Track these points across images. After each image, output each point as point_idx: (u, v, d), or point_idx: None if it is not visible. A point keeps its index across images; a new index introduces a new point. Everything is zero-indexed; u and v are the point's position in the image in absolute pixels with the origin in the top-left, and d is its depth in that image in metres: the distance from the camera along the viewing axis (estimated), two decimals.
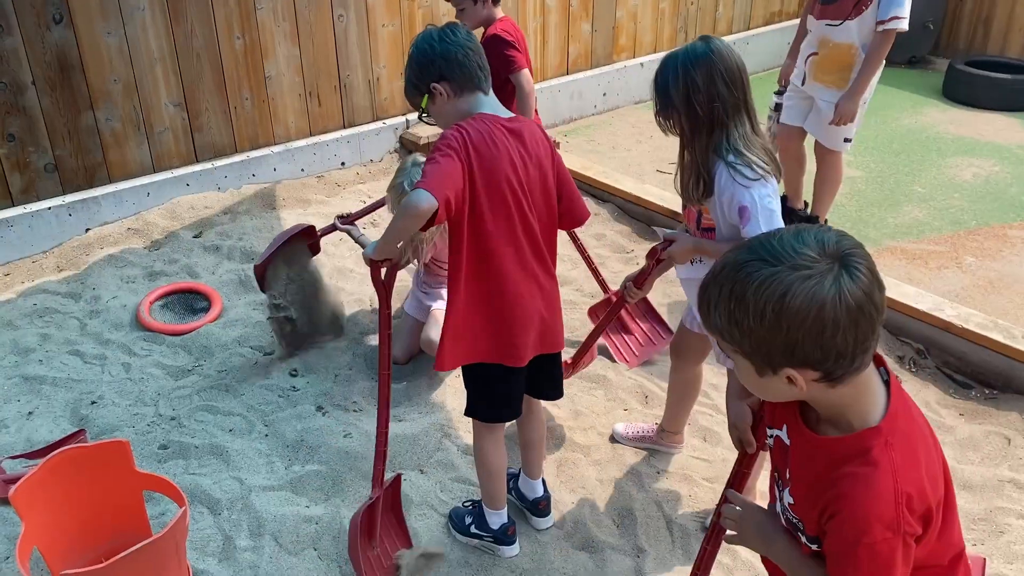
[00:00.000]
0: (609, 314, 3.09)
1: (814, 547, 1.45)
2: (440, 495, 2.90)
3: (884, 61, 3.74)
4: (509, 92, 3.68)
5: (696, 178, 2.36)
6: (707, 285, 1.33)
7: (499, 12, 3.66)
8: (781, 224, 2.28)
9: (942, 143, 5.62)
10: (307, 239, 3.45)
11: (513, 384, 2.46)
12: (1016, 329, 3.46)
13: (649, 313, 3.68)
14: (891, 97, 6.36)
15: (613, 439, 3.16)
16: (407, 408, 3.31)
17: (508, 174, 2.22)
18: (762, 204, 2.27)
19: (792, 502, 1.48)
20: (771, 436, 1.56)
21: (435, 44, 2.23)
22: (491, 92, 2.32)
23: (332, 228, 3.45)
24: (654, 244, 2.62)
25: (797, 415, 1.45)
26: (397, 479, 2.68)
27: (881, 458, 1.30)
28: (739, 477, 1.74)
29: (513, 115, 2.32)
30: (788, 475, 1.49)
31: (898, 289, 3.76)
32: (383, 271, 2.44)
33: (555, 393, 2.64)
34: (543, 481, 2.80)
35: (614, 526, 2.82)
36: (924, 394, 3.42)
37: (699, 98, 2.27)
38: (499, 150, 2.20)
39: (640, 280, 2.73)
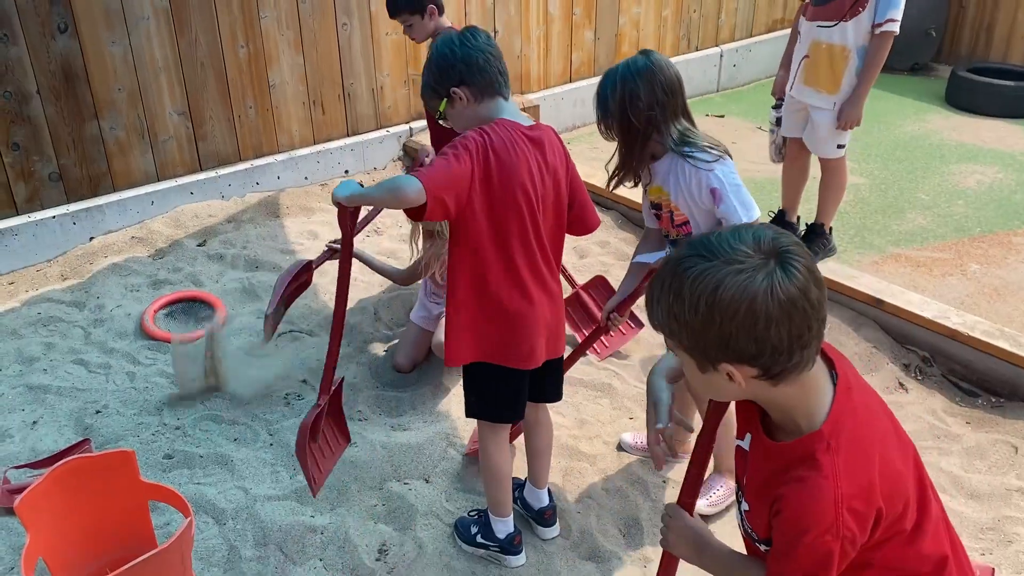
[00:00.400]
0: (590, 339, 3.03)
1: (765, 549, 1.47)
2: (445, 504, 2.89)
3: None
4: None
5: (623, 174, 2.59)
6: (651, 282, 1.37)
7: (446, 21, 3.65)
8: (749, 196, 2.51)
9: (945, 150, 5.62)
10: (305, 275, 3.36)
11: (517, 387, 2.47)
12: (1022, 337, 3.46)
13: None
14: (894, 104, 6.36)
15: (620, 448, 3.15)
16: (412, 417, 3.30)
17: (524, 181, 2.23)
18: (729, 181, 2.46)
19: (747, 509, 1.50)
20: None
21: (456, 48, 2.23)
22: (511, 98, 2.32)
23: (328, 256, 3.36)
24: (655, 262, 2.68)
25: (758, 423, 1.47)
26: (339, 384, 2.75)
27: (823, 462, 1.32)
28: (690, 481, 1.69)
29: (533, 123, 2.32)
30: (745, 482, 1.52)
31: (903, 297, 3.76)
32: (348, 212, 2.39)
33: (555, 395, 2.66)
34: (549, 490, 2.79)
35: (620, 536, 2.81)
36: (930, 402, 3.41)
37: (638, 107, 2.44)
38: (519, 157, 2.20)
39: (624, 308, 2.77)
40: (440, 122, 2.36)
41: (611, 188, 2.66)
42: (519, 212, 2.24)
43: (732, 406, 2.54)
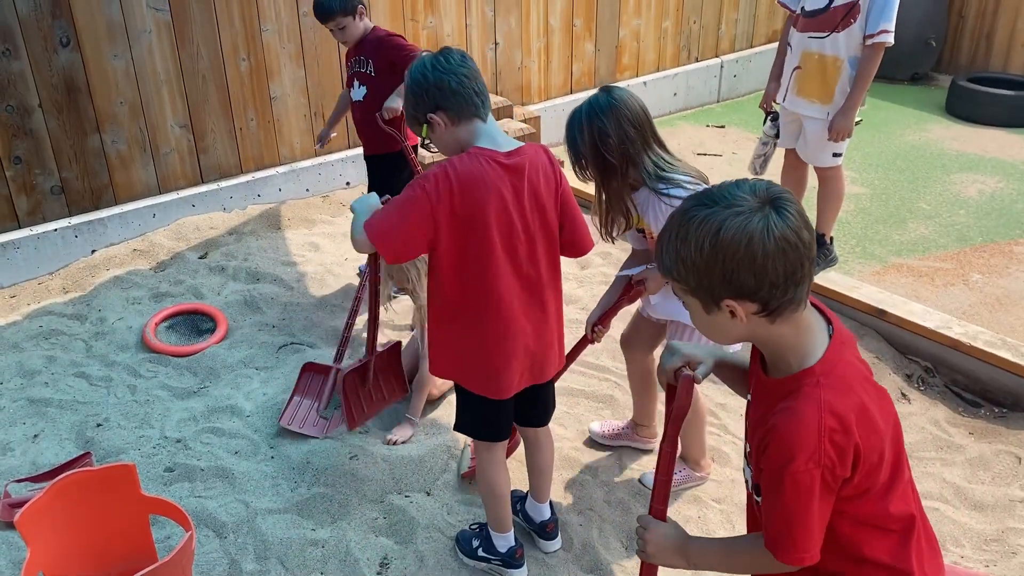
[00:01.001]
0: (574, 352, 3.02)
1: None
2: (447, 517, 2.88)
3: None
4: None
5: (613, 217, 2.60)
6: (660, 233, 1.49)
7: (370, 22, 3.83)
8: None
9: (946, 159, 5.62)
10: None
11: (497, 411, 2.45)
12: None
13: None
14: (894, 114, 6.37)
15: (591, 441, 3.17)
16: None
17: (499, 212, 2.19)
18: None
19: (749, 451, 1.59)
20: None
21: (428, 74, 2.18)
22: (490, 118, 2.26)
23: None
24: (630, 278, 2.71)
25: (759, 364, 1.58)
26: (396, 344, 2.83)
27: (811, 393, 1.43)
28: (662, 457, 1.71)
29: (515, 146, 2.24)
30: (747, 427, 1.63)
31: (905, 307, 3.75)
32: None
33: (540, 421, 2.63)
34: (551, 503, 2.78)
35: (622, 548, 2.79)
36: (933, 412, 3.40)
37: (609, 144, 2.45)
38: (488, 188, 2.16)
39: (606, 319, 2.78)
40: (426, 146, 2.35)
41: (611, 236, 2.66)
42: (491, 244, 2.20)
43: (697, 404, 2.59)
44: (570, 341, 2.72)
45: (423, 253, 2.24)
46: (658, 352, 2.94)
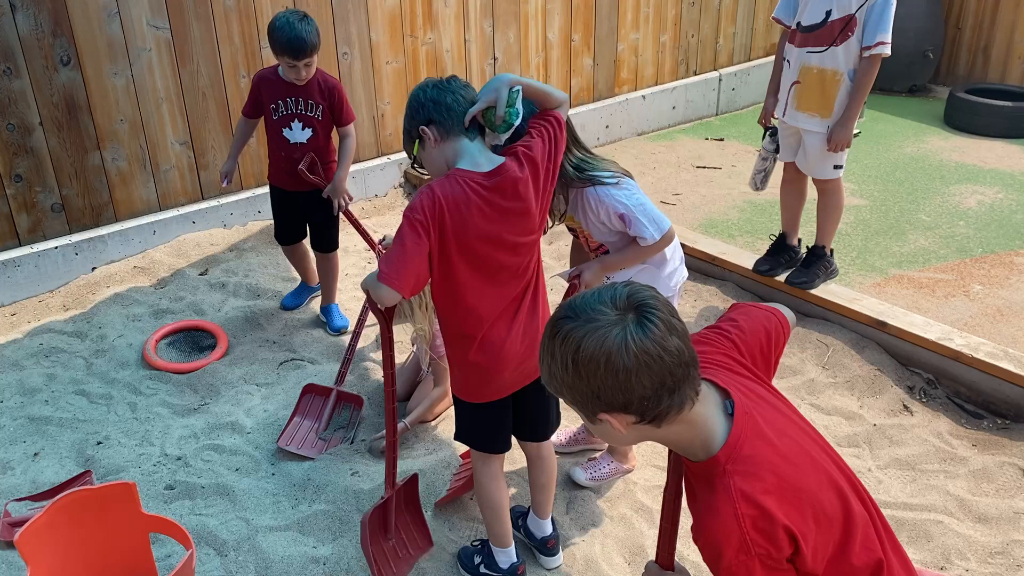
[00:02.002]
0: None
1: None
2: (448, 534, 2.87)
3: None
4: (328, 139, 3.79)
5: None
6: (540, 344, 1.47)
7: None
8: (657, 211, 2.70)
9: (945, 171, 5.63)
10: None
11: (493, 421, 2.49)
12: None
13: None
14: (893, 125, 6.38)
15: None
16: (414, 445, 3.28)
17: (480, 232, 2.22)
18: (633, 203, 2.66)
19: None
20: None
21: (428, 90, 2.27)
22: (477, 138, 2.28)
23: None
24: (571, 278, 2.80)
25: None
26: (414, 478, 2.79)
27: (719, 485, 1.41)
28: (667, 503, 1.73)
29: (496, 164, 2.25)
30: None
31: (906, 319, 3.75)
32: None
33: (540, 435, 2.63)
34: (552, 519, 2.77)
35: (625, 564, 2.78)
36: (935, 424, 3.39)
37: None
38: (470, 212, 2.20)
39: None
40: (415, 168, 2.38)
41: (553, 224, 2.79)
42: (478, 257, 2.25)
43: None
44: None
45: (421, 288, 2.29)
46: None
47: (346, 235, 4.92)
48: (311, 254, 4.13)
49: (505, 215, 2.25)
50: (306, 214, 3.91)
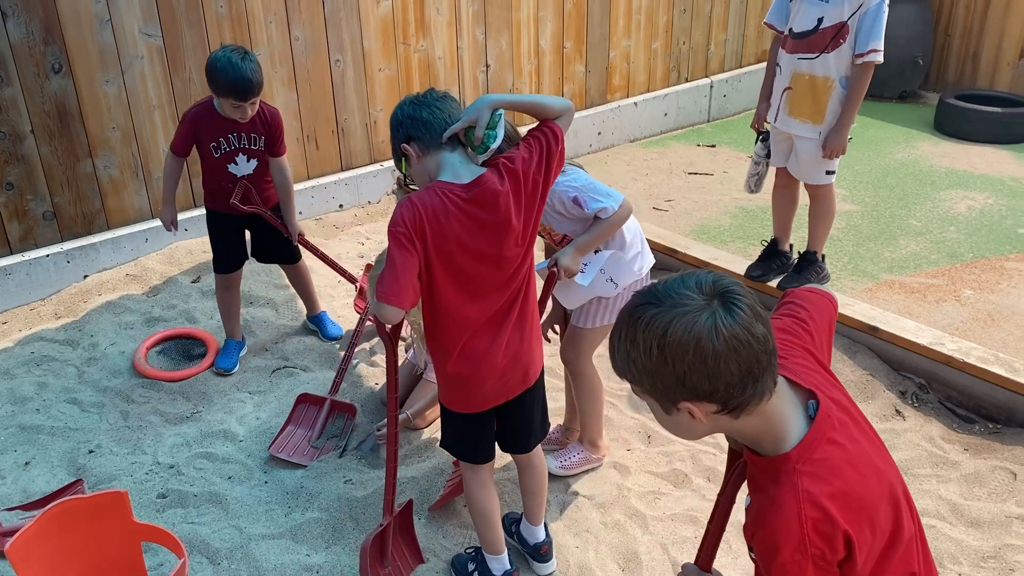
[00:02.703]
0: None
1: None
2: (442, 541, 2.87)
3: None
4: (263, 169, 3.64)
5: None
6: (611, 334, 1.45)
7: None
8: (605, 186, 2.76)
9: (936, 176, 5.66)
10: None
11: (476, 431, 2.49)
12: (1017, 362, 3.46)
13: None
14: (884, 131, 6.42)
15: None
16: (406, 453, 3.28)
17: (460, 243, 2.22)
18: (581, 184, 2.73)
19: (748, 503, 1.58)
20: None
21: (405, 107, 2.28)
22: (457, 149, 2.27)
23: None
24: (549, 268, 2.81)
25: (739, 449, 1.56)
26: (408, 504, 2.77)
27: (787, 482, 1.39)
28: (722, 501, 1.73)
29: (477, 175, 2.23)
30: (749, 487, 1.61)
31: (898, 323, 3.76)
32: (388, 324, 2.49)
33: (523, 448, 2.63)
34: (545, 525, 2.77)
35: (619, 570, 2.78)
36: (928, 429, 3.40)
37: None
38: (450, 223, 2.19)
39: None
40: (408, 184, 2.38)
41: None
42: (461, 270, 2.25)
43: (595, 382, 2.76)
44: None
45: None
46: (599, 361, 2.98)
47: (339, 241, 4.93)
48: (240, 300, 3.94)
49: (483, 227, 2.23)
50: (262, 233, 3.77)
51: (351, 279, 4.14)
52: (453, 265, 2.24)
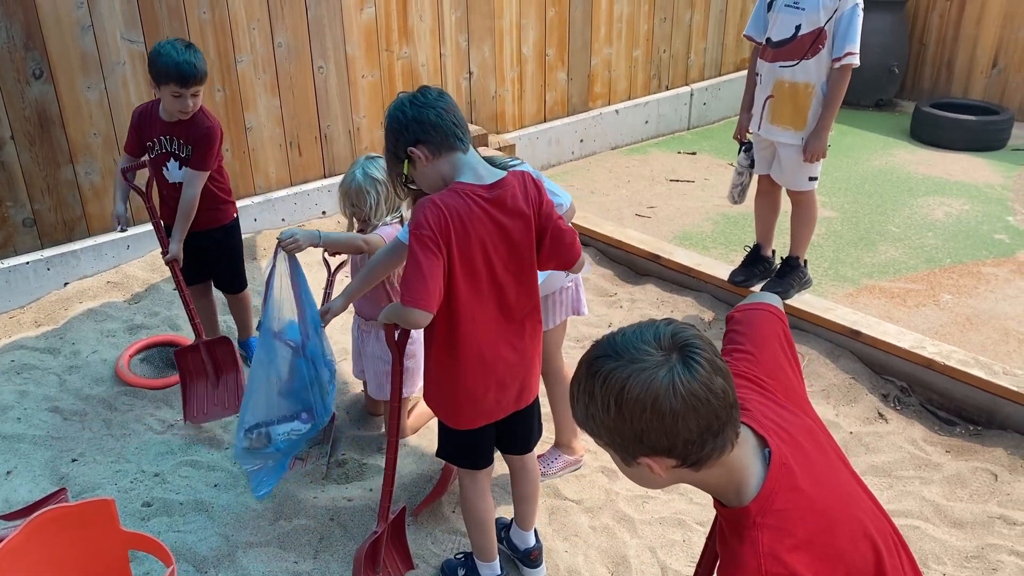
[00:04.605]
0: None
1: None
2: (432, 547, 2.86)
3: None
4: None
5: None
6: (571, 383, 1.43)
7: None
8: (555, 185, 2.73)
9: (913, 183, 5.74)
10: None
11: (475, 439, 2.47)
12: (996, 365, 3.51)
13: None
14: (861, 139, 6.50)
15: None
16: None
17: (483, 246, 2.21)
18: (542, 176, 2.58)
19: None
20: None
21: (407, 109, 2.21)
22: (472, 150, 2.27)
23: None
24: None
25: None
26: (402, 511, 2.76)
27: (747, 537, 1.36)
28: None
29: (498, 177, 2.24)
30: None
31: (879, 328, 3.81)
32: (396, 332, 2.49)
33: (522, 448, 2.63)
34: (535, 531, 2.77)
35: (608, 574, 2.78)
36: (910, 432, 3.44)
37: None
38: (474, 225, 2.18)
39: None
40: (407, 185, 2.35)
41: None
42: (477, 277, 2.23)
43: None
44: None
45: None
46: (568, 355, 2.99)
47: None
48: (215, 304, 3.81)
49: (505, 233, 2.23)
50: (205, 254, 3.60)
51: (198, 334, 3.56)
52: (474, 270, 2.21)
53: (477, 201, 2.18)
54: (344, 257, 3.51)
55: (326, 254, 3.39)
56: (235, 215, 3.70)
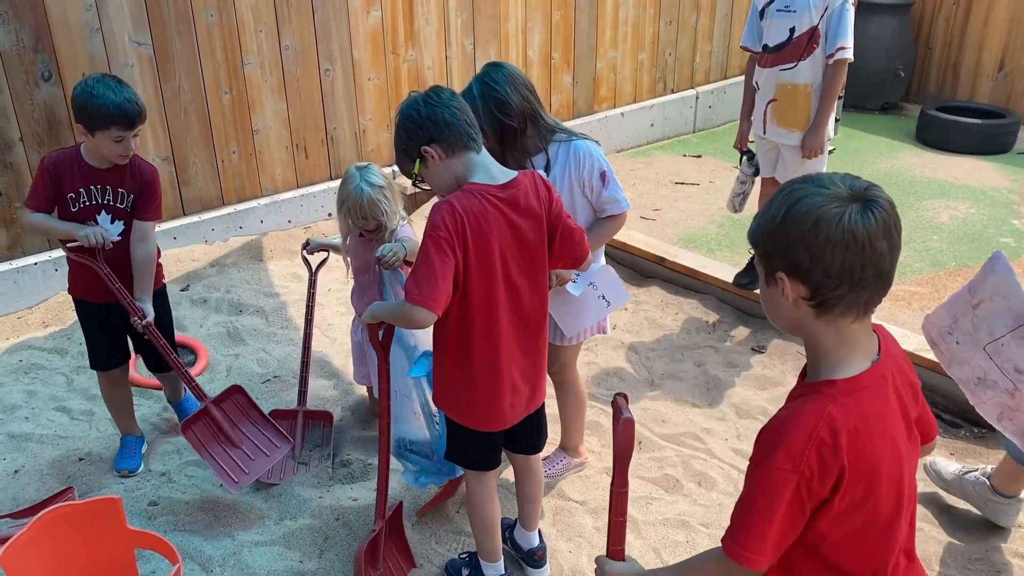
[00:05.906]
0: None
1: None
2: (436, 547, 2.87)
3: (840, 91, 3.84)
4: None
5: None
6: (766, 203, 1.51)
7: None
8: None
9: (918, 186, 5.74)
10: None
11: (486, 441, 2.47)
12: None
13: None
14: (867, 142, 6.50)
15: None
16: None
17: (499, 247, 2.21)
18: (610, 168, 2.75)
19: None
20: None
21: (420, 108, 2.20)
22: (483, 150, 2.26)
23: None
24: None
25: (801, 376, 1.57)
26: (398, 507, 2.77)
27: (816, 401, 1.41)
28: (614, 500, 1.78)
29: (510, 177, 2.25)
30: None
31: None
32: (380, 332, 2.49)
33: (531, 449, 2.64)
34: (539, 531, 2.78)
35: None
36: None
37: (510, 107, 2.59)
38: (491, 227, 2.18)
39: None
40: (416, 184, 2.34)
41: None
42: (493, 279, 2.23)
43: (578, 389, 2.81)
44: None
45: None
46: (583, 367, 2.99)
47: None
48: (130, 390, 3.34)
49: (518, 234, 2.23)
50: (130, 331, 3.13)
51: (200, 396, 3.13)
52: (490, 271, 2.21)
53: (492, 202, 2.19)
54: (324, 255, 3.55)
55: (306, 252, 3.44)
56: (164, 281, 3.24)
